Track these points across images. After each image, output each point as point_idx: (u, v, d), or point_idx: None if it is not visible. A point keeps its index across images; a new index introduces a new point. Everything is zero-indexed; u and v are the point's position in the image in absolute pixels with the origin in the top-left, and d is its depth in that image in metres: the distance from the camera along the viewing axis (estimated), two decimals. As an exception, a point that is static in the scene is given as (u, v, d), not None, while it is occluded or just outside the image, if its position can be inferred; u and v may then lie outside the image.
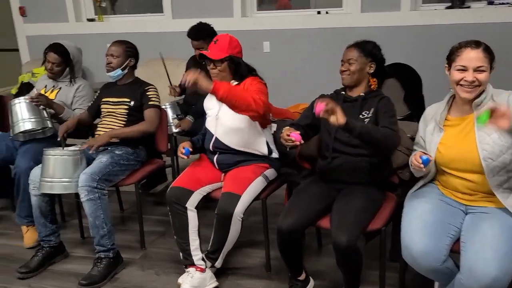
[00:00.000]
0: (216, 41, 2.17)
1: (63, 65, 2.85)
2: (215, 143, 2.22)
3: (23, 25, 5.09)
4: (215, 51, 2.14)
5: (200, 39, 3.06)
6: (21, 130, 2.59)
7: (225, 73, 2.18)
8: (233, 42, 2.19)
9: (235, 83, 2.19)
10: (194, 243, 2.14)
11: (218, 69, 2.15)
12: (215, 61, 2.14)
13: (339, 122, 1.67)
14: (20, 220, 2.64)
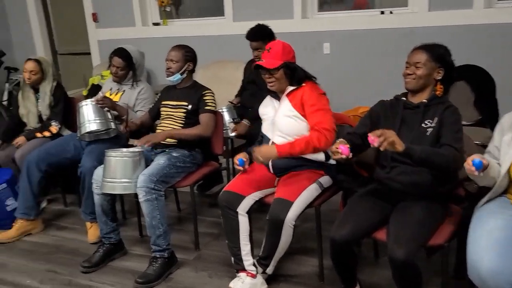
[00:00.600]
0: (270, 49, 2.14)
1: (127, 69, 2.96)
2: None
3: (95, 30, 5.39)
4: (269, 60, 2.11)
5: (258, 40, 3.05)
6: (87, 131, 2.73)
7: (282, 80, 2.14)
8: (286, 48, 2.16)
9: (291, 88, 2.15)
10: (245, 248, 2.13)
11: (274, 77, 2.12)
12: (271, 70, 2.11)
13: (397, 150, 1.60)
14: (85, 216, 2.78)
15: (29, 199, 2.83)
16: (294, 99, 2.14)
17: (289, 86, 2.16)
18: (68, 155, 2.93)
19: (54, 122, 3.14)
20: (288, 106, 2.15)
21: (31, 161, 2.81)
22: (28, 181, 2.80)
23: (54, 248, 2.70)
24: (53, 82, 3.18)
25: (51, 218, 3.13)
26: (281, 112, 2.16)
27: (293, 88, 2.15)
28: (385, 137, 1.59)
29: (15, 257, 2.60)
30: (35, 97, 3.19)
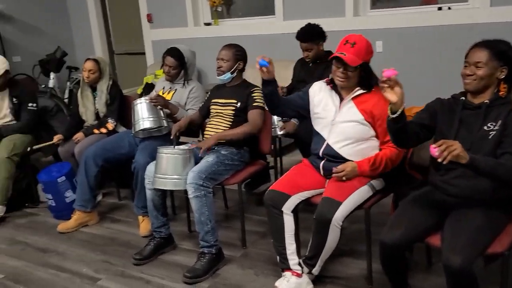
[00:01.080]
0: (354, 44, 2.02)
1: (179, 68, 3.03)
2: (326, 150, 2.15)
3: (150, 31, 5.58)
4: (351, 56, 2.00)
5: (309, 41, 3.03)
6: (141, 128, 2.83)
7: (354, 80, 2.07)
8: (369, 48, 2.07)
9: (360, 91, 2.09)
10: (290, 247, 2.11)
11: (348, 74, 2.04)
12: (348, 66, 2.02)
13: (460, 161, 1.50)
14: (137, 210, 2.88)
15: (86, 192, 2.98)
16: (362, 105, 2.07)
17: (357, 88, 2.10)
18: (123, 151, 3.05)
19: (110, 119, 3.28)
20: (353, 110, 2.09)
21: (89, 156, 2.95)
22: (86, 175, 2.95)
23: (109, 240, 2.82)
24: (110, 81, 3.32)
25: (106, 211, 3.27)
26: (345, 115, 2.10)
27: (361, 92, 2.08)
28: (449, 150, 1.48)
29: (73, 247, 2.75)
30: (93, 95, 3.34)
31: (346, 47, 2.03)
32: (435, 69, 3.88)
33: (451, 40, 3.72)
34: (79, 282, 2.36)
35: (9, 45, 5.47)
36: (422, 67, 3.96)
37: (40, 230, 3.01)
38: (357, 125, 2.08)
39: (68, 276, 2.42)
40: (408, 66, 4.02)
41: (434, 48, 3.87)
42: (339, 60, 2.04)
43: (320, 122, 2.20)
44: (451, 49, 3.66)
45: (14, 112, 3.33)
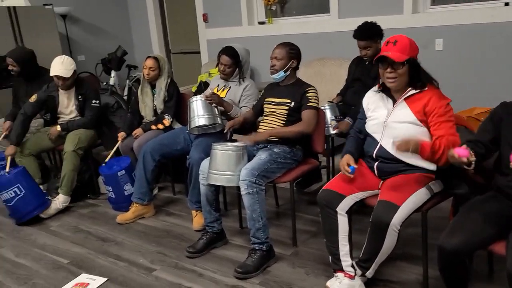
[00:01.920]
0: (396, 42, 1.99)
1: (234, 66, 3.08)
2: (379, 151, 2.10)
3: (205, 30, 5.71)
4: (395, 53, 1.96)
5: (367, 39, 2.96)
6: (196, 125, 2.91)
7: (404, 77, 2.01)
8: (413, 44, 2.02)
9: (411, 92, 2.03)
10: (344, 248, 2.09)
11: (398, 72, 1.99)
12: (395, 64, 1.98)
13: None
14: (191, 204, 2.96)
15: (143, 186, 3.10)
16: (414, 104, 2.01)
17: (410, 89, 2.04)
18: (178, 146, 3.15)
19: (167, 116, 3.40)
20: (406, 111, 2.03)
21: (147, 151, 3.07)
22: (144, 169, 3.07)
23: (164, 232, 2.92)
24: (168, 79, 3.44)
25: (161, 204, 3.39)
26: (397, 116, 2.04)
27: (413, 92, 2.02)
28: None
29: (131, 238, 2.87)
30: (152, 92, 3.47)
31: (388, 47, 2.01)
32: (500, 69, 3.67)
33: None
34: (136, 271, 2.46)
35: (75, 44, 5.81)
36: (486, 67, 3.76)
37: (101, 220, 3.17)
38: (410, 126, 2.01)
39: (126, 265, 2.54)
40: (470, 65, 3.84)
41: (500, 47, 3.66)
42: (385, 61, 2.00)
43: (372, 124, 2.16)
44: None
45: (79, 109, 3.53)
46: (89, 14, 5.96)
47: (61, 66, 3.29)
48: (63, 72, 3.29)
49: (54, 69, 3.29)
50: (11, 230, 3.07)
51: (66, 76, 3.31)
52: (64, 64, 3.31)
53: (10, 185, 3.01)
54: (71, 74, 3.34)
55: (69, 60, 3.36)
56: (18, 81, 3.92)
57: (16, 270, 2.54)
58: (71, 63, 3.36)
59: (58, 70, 3.28)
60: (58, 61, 3.31)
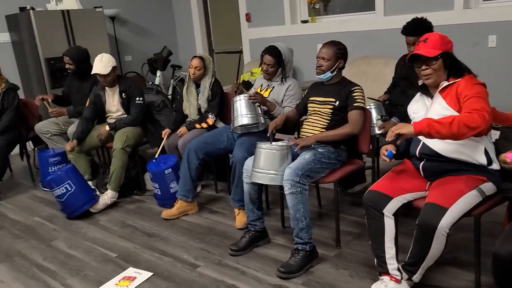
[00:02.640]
0: (426, 39, 2.00)
1: (277, 66, 3.07)
2: (422, 149, 2.05)
3: (247, 30, 5.74)
4: (427, 49, 1.96)
5: (417, 35, 2.87)
6: (239, 124, 2.93)
7: (440, 72, 1.98)
8: (445, 38, 2.01)
9: (445, 84, 1.97)
10: (390, 251, 2.04)
11: (432, 67, 1.97)
12: (428, 60, 1.97)
13: None
14: (234, 203, 2.99)
15: (188, 183, 3.16)
16: (448, 95, 1.97)
17: (443, 82, 1.99)
18: (222, 145, 3.18)
19: (211, 115, 3.44)
20: (442, 103, 1.98)
21: (191, 149, 3.13)
22: (188, 166, 3.13)
23: (207, 229, 2.97)
24: (212, 78, 3.49)
25: (204, 202, 3.44)
26: (434, 111, 2.00)
27: (447, 84, 1.97)
28: None
29: (175, 234, 2.94)
30: (197, 91, 3.53)
31: (419, 46, 2.01)
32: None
33: None
34: (180, 267, 2.52)
35: (122, 45, 6.01)
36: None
37: (147, 216, 3.26)
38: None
39: (171, 260, 2.60)
40: (527, 63, 3.64)
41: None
42: (419, 59, 1.98)
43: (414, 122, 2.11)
44: None
45: (123, 106, 3.65)
46: (136, 16, 6.15)
47: (99, 64, 3.43)
48: (101, 69, 3.42)
49: (94, 68, 3.44)
50: (64, 223, 3.23)
51: (104, 73, 3.44)
52: (102, 62, 3.44)
53: (62, 182, 3.16)
54: (109, 70, 3.45)
55: (107, 58, 3.48)
56: (70, 79, 4.10)
57: (68, 262, 2.66)
58: (109, 60, 3.48)
59: (97, 68, 3.42)
60: (97, 60, 3.45)
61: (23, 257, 2.76)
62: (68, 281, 2.45)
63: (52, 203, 3.60)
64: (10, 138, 3.81)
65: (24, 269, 2.61)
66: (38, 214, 3.44)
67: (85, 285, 2.39)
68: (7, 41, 5.00)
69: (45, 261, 2.69)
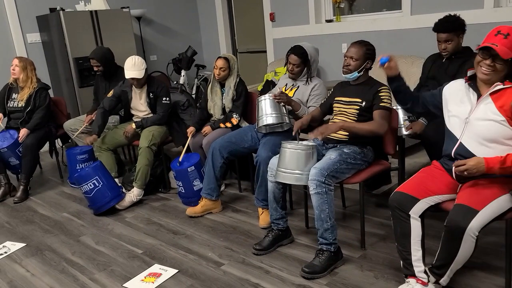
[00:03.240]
0: (507, 35, 1.83)
1: (302, 66, 3.07)
2: (458, 150, 2.00)
3: (271, 29, 5.74)
4: (504, 48, 1.82)
5: (450, 31, 2.81)
6: (264, 124, 2.94)
7: (500, 74, 1.88)
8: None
9: (498, 87, 1.89)
10: (416, 253, 2.00)
11: (497, 67, 1.86)
12: (498, 58, 1.84)
13: None
14: (257, 202, 3.00)
15: (212, 182, 3.19)
16: (500, 100, 1.88)
17: (497, 83, 1.90)
18: (246, 144, 3.20)
19: (235, 114, 3.47)
20: (491, 107, 1.90)
21: (215, 148, 3.16)
22: (212, 165, 3.15)
23: (231, 228, 2.99)
24: (237, 78, 3.50)
25: (228, 200, 3.46)
26: (481, 113, 1.93)
27: (500, 87, 1.89)
28: None
29: (200, 231, 2.97)
30: (221, 91, 3.56)
31: (497, 38, 1.84)
32: None
33: None
34: (205, 264, 2.54)
35: (148, 45, 6.10)
36: None
37: (171, 214, 3.31)
38: (494, 124, 1.88)
39: (195, 258, 2.62)
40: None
41: None
42: (487, 51, 1.86)
43: (453, 120, 2.05)
44: None
45: (150, 106, 3.70)
46: (161, 16, 6.23)
47: (134, 68, 3.46)
48: (136, 73, 3.47)
49: (128, 72, 3.47)
50: (91, 219, 3.30)
51: (140, 77, 3.49)
52: (136, 65, 3.48)
53: (89, 178, 3.23)
54: (143, 73, 3.51)
55: (140, 61, 3.52)
56: (98, 79, 4.19)
57: (96, 257, 2.72)
58: (141, 63, 3.52)
59: (132, 73, 3.46)
60: (130, 63, 3.48)
61: (53, 251, 2.84)
62: (96, 276, 2.51)
63: (80, 199, 3.69)
64: (41, 135, 3.91)
65: (54, 263, 2.68)
66: (66, 210, 3.53)
67: (112, 280, 2.44)
68: (37, 41, 5.14)
69: (73, 256, 2.75)
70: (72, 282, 2.45)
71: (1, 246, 2.95)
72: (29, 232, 3.15)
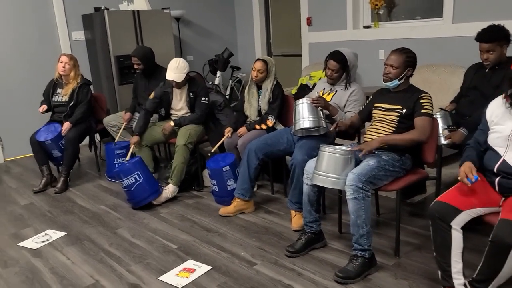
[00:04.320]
0: None
1: (341, 71, 3.08)
2: (501, 166, 1.97)
3: (308, 34, 5.76)
4: None
5: (493, 42, 2.76)
6: (300, 127, 2.95)
7: None
8: None
9: None
10: (456, 265, 1.98)
11: None
12: None
13: None
14: (291, 204, 3.02)
15: (246, 182, 3.23)
16: None
17: None
18: (281, 147, 3.22)
19: (271, 117, 3.50)
20: None
21: (251, 149, 3.20)
22: (247, 166, 3.19)
23: (264, 229, 3.02)
24: (274, 81, 3.54)
25: (260, 202, 3.49)
26: None
27: None
28: None
29: (232, 230, 3.01)
30: (258, 93, 3.60)
31: None
32: None
33: None
34: (238, 263, 2.58)
35: (186, 45, 6.22)
36: None
37: (205, 212, 3.37)
38: None
39: (228, 256, 2.67)
40: None
41: None
42: None
43: (495, 136, 2.02)
44: None
45: (189, 105, 3.79)
46: (199, 18, 6.35)
47: (175, 70, 3.57)
48: (176, 77, 3.57)
49: (169, 74, 3.58)
50: (127, 213, 3.40)
51: (179, 80, 3.60)
52: (178, 68, 3.58)
53: (131, 173, 3.33)
54: (183, 78, 3.60)
55: (183, 65, 3.61)
56: (138, 78, 4.31)
57: (132, 249, 2.81)
58: (184, 67, 3.61)
59: (173, 75, 3.57)
60: (173, 65, 3.58)
61: (92, 241, 2.94)
62: (132, 267, 2.58)
63: (116, 193, 3.81)
64: (82, 129, 4.05)
65: (93, 253, 2.78)
66: (104, 202, 3.65)
67: (147, 273, 2.51)
68: (81, 39, 5.33)
69: (111, 247, 2.85)
70: (110, 272, 2.54)
71: (44, 234, 3.08)
72: (69, 222, 3.27)
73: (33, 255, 2.79)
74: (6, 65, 4.91)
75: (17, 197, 3.85)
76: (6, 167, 4.82)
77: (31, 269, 2.63)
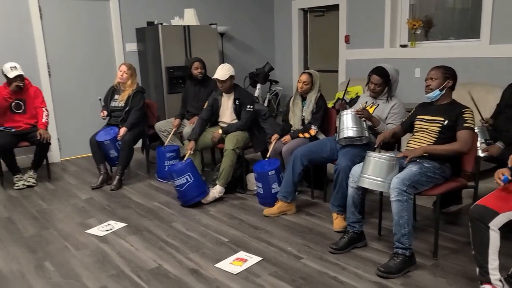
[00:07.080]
0: None
1: (383, 85, 3.31)
2: None
3: (345, 51, 6.02)
4: None
5: None
6: (345, 136, 3.19)
7: None
8: None
9: None
10: (493, 263, 2.15)
11: None
12: None
13: None
14: (333, 207, 3.24)
15: (289, 186, 3.47)
16: None
17: None
18: (325, 154, 3.46)
19: (313, 126, 3.76)
20: None
21: (297, 155, 3.45)
22: (292, 170, 3.44)
23: (307, 228, 3.25)
24: (318, 93, 3.81)
25: (301, 205, 3.72)
26: None
27: None
28: None
29: (278, 229, 3.25)
30: (302, 104, 3.87)
31: None
32: None
33: None
34: (286, 256, 2.81)
35: (227, 59, 6.57)
36: None
37: (250, 211, 3.62)
38: None
39: (276, 250, 2.90)
40: None
41: None
42: None
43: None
44: None
45: (236, 112, 4.08)
46: (241, 33, 6.70)
47: (221, 70, 3.95)
48: (220, 75, 3.92)
49: (216, 74, 3.96)
50: (179, 210, 3.69)
51: (222, 78, 3.92)
52: (223, 69, 3.95)
53: (183, 173, 3.63)
54: (227, 77, 3.94)
55: (228, 67, 3.98)
56: (188, 87, 4.65)
57: (188, 241, 3.08)
58: (228, 69, 3.97)
59: (218, 74, 3.95)
60: (220, 67, 3.99)
61: (150, 232, 3.23)
62: (190, 255, 2.85)
63: (167, 192, 4.11)
64: (136, 133, 4.39)
65: (153, 242, 3.07)
66: (156, 200, 3.95)
67: (204, 261, 2.78)
68: (134, 50, 5.74)
69: (168, 238, 3.13)
70: (170, 258, 2.81)
71: (107, 224, 3.40)
72: (127, 215, 3.58)
73: (100, 241, 3.10)
74: (65, 71, 5.34)
75: (77, 192, 4.20)
76: (62, 165, 5.22)
77: (101, 252, 2.93)
